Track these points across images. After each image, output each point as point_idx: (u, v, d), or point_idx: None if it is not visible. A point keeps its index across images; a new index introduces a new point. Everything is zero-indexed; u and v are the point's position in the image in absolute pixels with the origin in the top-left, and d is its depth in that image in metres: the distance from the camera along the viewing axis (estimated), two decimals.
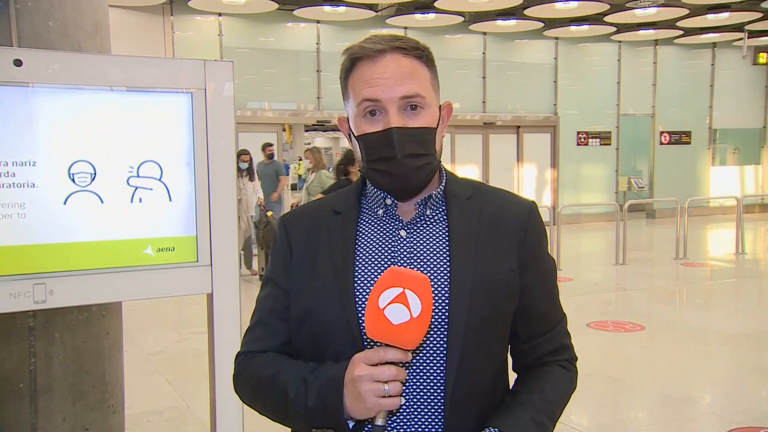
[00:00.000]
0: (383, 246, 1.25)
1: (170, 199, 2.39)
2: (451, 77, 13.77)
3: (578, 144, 15.39)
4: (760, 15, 13.15)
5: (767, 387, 4.78)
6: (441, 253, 1.23)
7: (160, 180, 2.37)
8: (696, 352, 5.65)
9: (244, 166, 8.83)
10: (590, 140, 15.53)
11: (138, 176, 2.34)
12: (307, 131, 13.79)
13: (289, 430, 1.32)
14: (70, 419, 2.54)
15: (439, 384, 1.19)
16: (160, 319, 6.98)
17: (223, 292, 2.47)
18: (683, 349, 5.71)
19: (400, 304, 1.06)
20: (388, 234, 1.26)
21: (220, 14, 12.15)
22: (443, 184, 1.29)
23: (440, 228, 1.26)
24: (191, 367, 5.51)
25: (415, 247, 1.24)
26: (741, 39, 15.02)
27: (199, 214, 2.42)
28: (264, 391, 1.24)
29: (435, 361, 1.19)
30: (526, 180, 14.89)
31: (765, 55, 13.84)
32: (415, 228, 1.26)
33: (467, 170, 13.69)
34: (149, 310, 7.28)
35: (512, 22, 13.06)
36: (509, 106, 14.72)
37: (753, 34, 14.98)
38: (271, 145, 9.91)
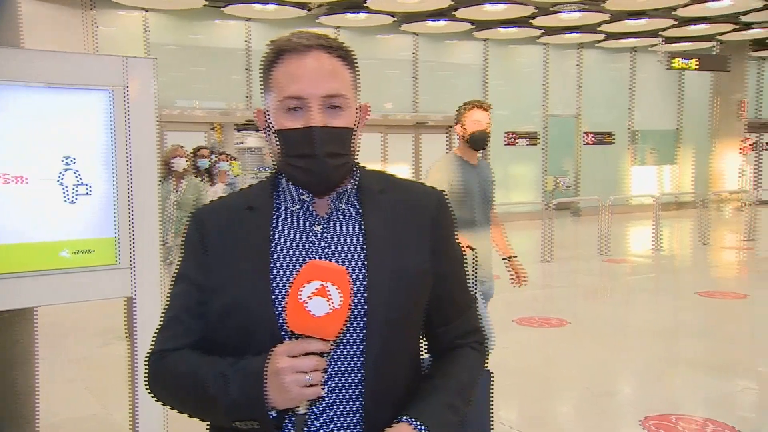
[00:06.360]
0: (299, 241, 1.26)
1: (88, 200, 2.31)
2: (383, 77, 13.83)
3: (507, 144, 15.76)
4: (674, 22, 13.82)
5: (679, 377, 5.03)
6: (356, 247, 1.26)
7: (77, 180, 2.29)
8: (616, 345, 5.88)
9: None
10: (519, 140, 15.93)
11: (53, 176, 2.25)
12: (237, 130, 13.54)
13: (207, 426, 1.30)
14: None
15: (357, 374, 1.22)
16: (83, 325, 6.73)
17: (145, 295, 2.41)
18: (605, 343, 5.93)
19: (320, 297, 1.09)
20: (303, 229, 1.27)
21: (145, 9, 11.80)
22: (356, 178, 1.32)
23: (354, 222, 1.29)
24: (113, 374, 5.33)
25: (330, 241, 1.26)
26: (657, 44, 15.76)
27: (120, 215, 2.35)
28: (182, 389, 1.23)
29: (354, 353, 1.22)
30: None
31: (678, 60, 14.54)
32: (330, 223, 1.28)
33: (399, 170, 13.77)
34: (72, 316, 7.00)
35: (443, 23, 13.26)
36: (440, 106, 14.93)
37: (668, 41, 15.73)
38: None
